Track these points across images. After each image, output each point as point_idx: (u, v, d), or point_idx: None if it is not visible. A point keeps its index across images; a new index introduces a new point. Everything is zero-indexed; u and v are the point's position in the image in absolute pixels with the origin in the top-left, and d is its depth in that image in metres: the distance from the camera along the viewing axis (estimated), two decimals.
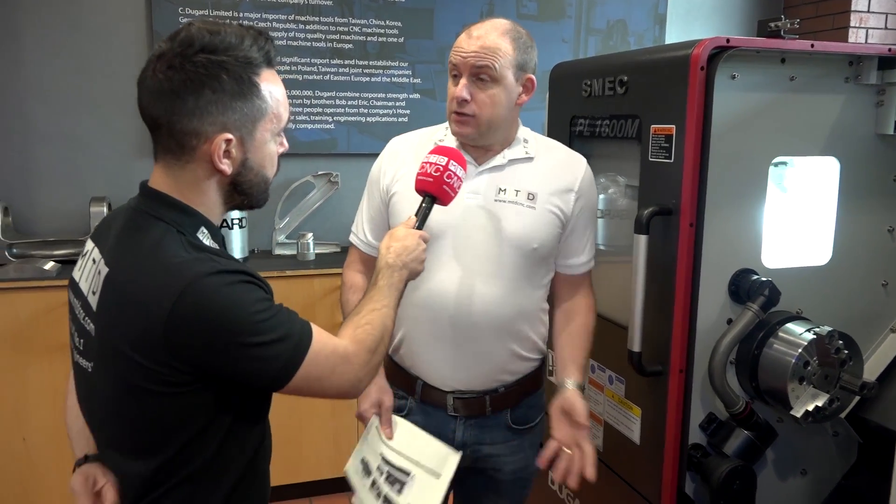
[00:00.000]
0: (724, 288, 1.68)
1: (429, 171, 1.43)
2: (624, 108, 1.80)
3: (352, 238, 1.75)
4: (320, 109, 3.35)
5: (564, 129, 2.07)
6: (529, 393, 1.71)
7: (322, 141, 3.38)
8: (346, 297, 1.71)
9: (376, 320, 1.23)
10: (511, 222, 1.56)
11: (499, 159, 1.60)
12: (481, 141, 1.58)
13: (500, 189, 1.58)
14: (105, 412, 1.15)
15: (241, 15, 3.19)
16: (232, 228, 3.05)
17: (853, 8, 3.48)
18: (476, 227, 1.57)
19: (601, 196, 2.01)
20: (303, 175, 3.34)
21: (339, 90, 3.37)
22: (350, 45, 3.35)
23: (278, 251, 3.28)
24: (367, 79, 3.39)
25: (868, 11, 3.50)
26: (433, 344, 1.61)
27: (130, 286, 1.06)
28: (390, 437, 1.60)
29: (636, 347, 1.67)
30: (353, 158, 3.44)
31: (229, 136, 1.08)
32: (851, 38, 3.54)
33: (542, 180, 1.60)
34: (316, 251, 3.21)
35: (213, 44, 1.06)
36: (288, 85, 3.26)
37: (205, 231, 1.13)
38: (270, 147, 1.15)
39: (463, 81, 1.51)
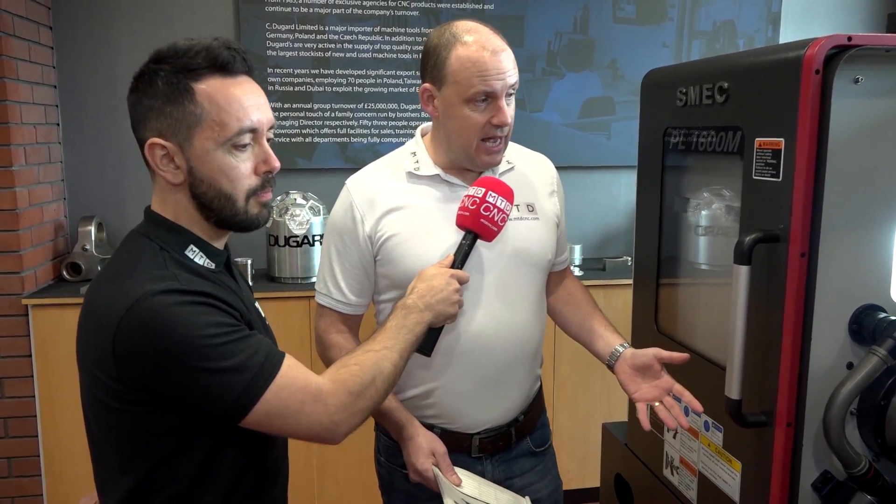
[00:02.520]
0: (844, 327, 1.44)
1: (466, 204, 1.33)
2: (724, 118, 1.59)
3: (323, 300, 1.55)
4: (405, 123, 3.27)
5: (658, 141, 1.87)
6: (541, 412, 1.67)
7: None
8: (330, 356, 1.53)
9: (368, 362, 1.12)
10: (526, 240, 1.49)
11: (490, 175, 1.51)
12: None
13: None
14: (86, 425, 1.14)
15: (326, 28, 3.16)
16: (313, 245, 3.00)
17: None
18: (493, 253, 1.47)
19: (703, 212, 1.82)
20: None
21: None
22: None
23: None
24: None
25: None
26: (467, 387, 1.50)
27: (93, 301, 1.07)
28: (459, 483, 1.47)
29: (735, 395, 1.45)
30: None
31: (160, 141, 1.05)
32: None
33: (532, 188, 1.54)
34: None
35: (162, 53, 1.06)
36: (373, 98, 3.25)
37: (195, 249, 1.09)
38: (219, 158, 1.07)
39: (502, 104, 1.40)
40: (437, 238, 1.42)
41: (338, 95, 3.22)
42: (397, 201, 1.46)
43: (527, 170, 1.57)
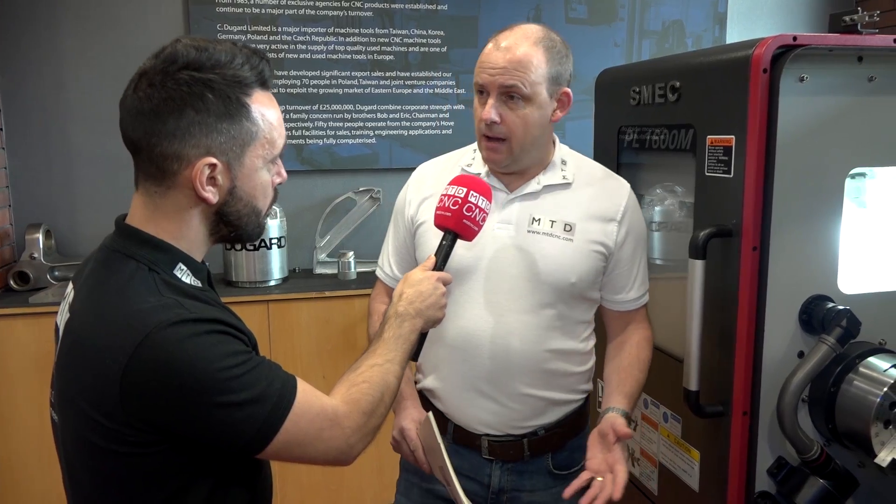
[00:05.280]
0: (795, 317, 1.49)
1: (447, 204, 1.29)
2: (676, 116, 1.63)
3: (377, 271, 1.65)
4: (361, 123, 3.25)
5: (612, 139, 1.90)
6: (573, 435, 1.55)
7: (363, 156, 3.28)
8: (371, 326, 1.61)
9: (375, 378, 1.09)
10: (545, 256, 1.42)
11: (533, 185, 1.46)
12: (515, 166, 1.44)
13: (534, 219, 1.44)
14: (70, 471, 1.05)
15: (279, 29, 3.13)
16: (270, 249, 2.97)
17: None
18: (507, 261, 1.43)
19: (657, 208, 1.85)
20: (344, 191, 3.25)
21: (380, 103, 3.26)
22: (391, 57, 3.25)
23: (319, 270, 3.20)
24: (409, 91, 3.28)
25: None
26: (464, 386, 1.49)
27: (87, 336, 0.96)
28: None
29: (693, 386, 1.49)
30: (395, 173, 3.33)
31: (213, 160, 0.98)
32: None
33: (581, 209, 1.45)
34: (357, 270, 3.11)
35: (199, 60, 0.97)
36: (328, 99, 3.23)
37: (183, 268, 1.02)
38: (262, 176, 1.05)
39: (490, 102, 1.36)
40: None
41: (292, 97, 3.19)
42: (437, 191, 1.41)
43: (586, 191, 1.48)
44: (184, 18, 3.07)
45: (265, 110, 1.03)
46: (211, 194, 1.00)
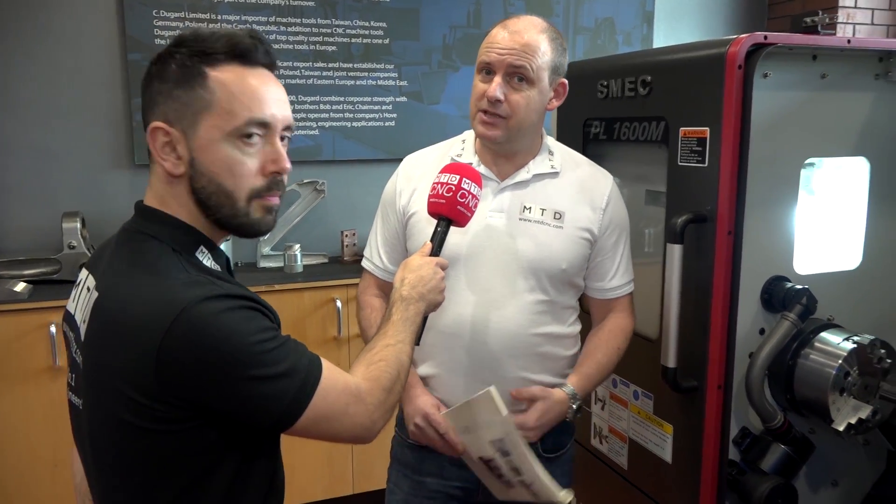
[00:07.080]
0: (757, 297, 1.60)
1: (440, 192, 1.32)
2: (647, 109, 1.71)
3: (365, 264, 1.65)
4: (304, 115, 3.21)
5: (577, 131, 1.98)
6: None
7: (306, 148, 3.24)
8: (365, 319, 1.60)
9: (391, 357, 1.12)
10: (537, 243, 1.47)
11: (523, 174, 1.50)
12: (507, 146, 1.47)
13: (525, 207, 1.49)
14: (95, 453, 1.03)
15: (219, 17, 3.05)
16: None
17: (840, 4, 3.46)
18: (501, 248, 1.48)
19: None
20: (287, 184, 3.19)
21: (322, 94, 3.23)
22: (334, 48, 3.22)
23: (264, 264, 3.14)
24: (352, 82, 3.27)
25: (855, 7, 3.48)
26: (458, 371, 1.51)
27: (120, 313, 0.96)
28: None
29: (671, 363, 1.58)
30: (339, 165, 3.31)
31: (163, 125, 0.99)
32: (839, 35, 3.52)
33: (569, 198, 1.51)
34: (304, 263, 3.08)
35: (183, 38, 1.01)
36: None
37: (204, 251, 1.03)
38: (224, 150, 1.00)
39: (497, 80, 1.40)
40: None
41: None
42: (429, 182, 1.42)
43: (573, 181, 1.53)
44: (116, 3, 2.94)
45: (229, 82, 0.99)
46: (170, 164, 1.00)
